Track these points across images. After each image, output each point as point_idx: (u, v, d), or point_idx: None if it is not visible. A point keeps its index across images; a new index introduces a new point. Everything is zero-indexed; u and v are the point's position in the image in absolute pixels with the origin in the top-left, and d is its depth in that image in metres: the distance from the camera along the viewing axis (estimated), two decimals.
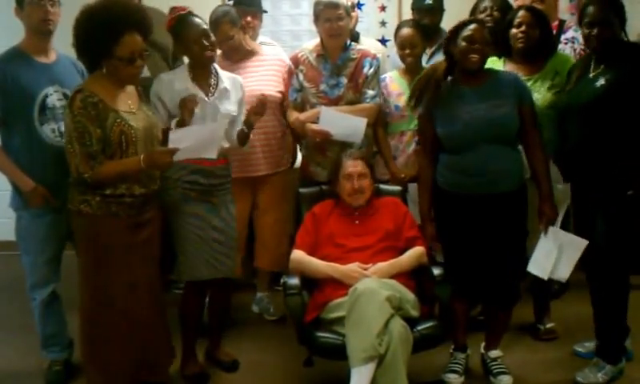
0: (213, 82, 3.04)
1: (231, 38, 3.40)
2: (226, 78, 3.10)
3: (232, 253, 3.11)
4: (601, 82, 2.87)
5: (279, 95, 3.41)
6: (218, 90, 3.03)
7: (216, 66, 3.08)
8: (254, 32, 3.67)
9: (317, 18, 3.37)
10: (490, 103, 2.86)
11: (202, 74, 3.01)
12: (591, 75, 2.94)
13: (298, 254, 2.97)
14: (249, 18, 3.60)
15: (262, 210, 3.62)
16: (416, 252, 2.97)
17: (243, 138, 3.15)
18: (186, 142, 2.66)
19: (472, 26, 2.88)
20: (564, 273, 2.97)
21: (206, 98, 2.98)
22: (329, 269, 2.88)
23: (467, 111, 2.86)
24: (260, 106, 3.07)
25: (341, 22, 3.32)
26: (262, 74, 3.40)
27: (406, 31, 3.43)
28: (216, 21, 3.32)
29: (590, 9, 2.89)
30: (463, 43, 2.85)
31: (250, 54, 3.53)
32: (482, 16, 3.55)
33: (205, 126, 2.88)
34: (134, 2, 2.86)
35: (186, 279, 3.07)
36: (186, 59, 3.11)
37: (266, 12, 3.81)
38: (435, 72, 2.95)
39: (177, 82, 2.96)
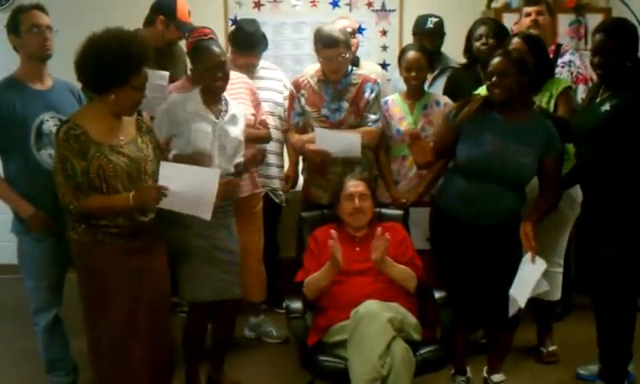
0: (223, 107, 3.09)
1: None
2: (235, 105, 3.15)
3: (237, 273, 3.11)
4: (606, 106, 2.90)
5: (252, 117, 3.38)
6: (228, 115, 3.08)
7: (225, 94, 3.12)
8: (253, 67, 3.71)
9: (317, 52, 3.40)
10: (517, 147, 2.85)
11: (213, 98, 3.06)
12: (598, 100, 2.97)
13: (308, 279, 2.96)
14: (250, 60, 3.64)
15: (242, 236, 3.26)
16: (409, 271, 2.96)
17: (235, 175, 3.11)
18: (176, 181, 2.58)
19: (494, 61, 2.89)
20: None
21: (216, 120, 3.02)
22: (325, 269, 2.88)
23: (493, 142, 2.87)
24: (259, 158, 3.20)
25: (340, 59, 3.33)
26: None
27: (413, 54, 3.43)
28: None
29: (596, 37, 2.95)
30: (488, 78, 2.89)
31: None
32: (477, 44, 3.59)
33: (199, 168, 2.76)
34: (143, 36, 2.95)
35: (191, 301, 3.07)
36: None
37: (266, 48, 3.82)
38: (475, 102, 2.95)
39: (188, 104, 3.02)
